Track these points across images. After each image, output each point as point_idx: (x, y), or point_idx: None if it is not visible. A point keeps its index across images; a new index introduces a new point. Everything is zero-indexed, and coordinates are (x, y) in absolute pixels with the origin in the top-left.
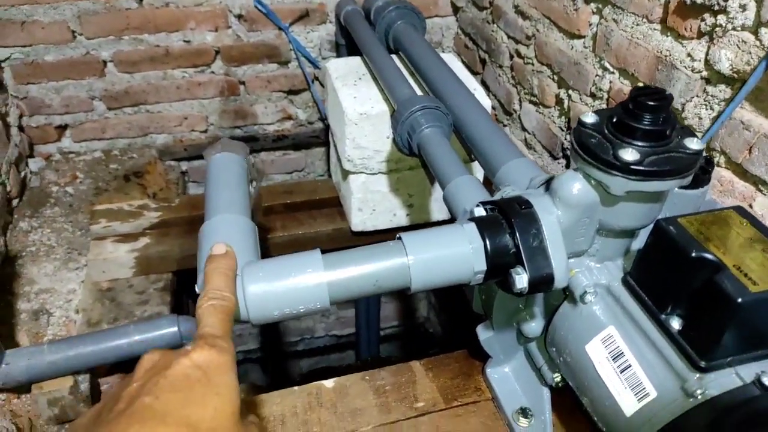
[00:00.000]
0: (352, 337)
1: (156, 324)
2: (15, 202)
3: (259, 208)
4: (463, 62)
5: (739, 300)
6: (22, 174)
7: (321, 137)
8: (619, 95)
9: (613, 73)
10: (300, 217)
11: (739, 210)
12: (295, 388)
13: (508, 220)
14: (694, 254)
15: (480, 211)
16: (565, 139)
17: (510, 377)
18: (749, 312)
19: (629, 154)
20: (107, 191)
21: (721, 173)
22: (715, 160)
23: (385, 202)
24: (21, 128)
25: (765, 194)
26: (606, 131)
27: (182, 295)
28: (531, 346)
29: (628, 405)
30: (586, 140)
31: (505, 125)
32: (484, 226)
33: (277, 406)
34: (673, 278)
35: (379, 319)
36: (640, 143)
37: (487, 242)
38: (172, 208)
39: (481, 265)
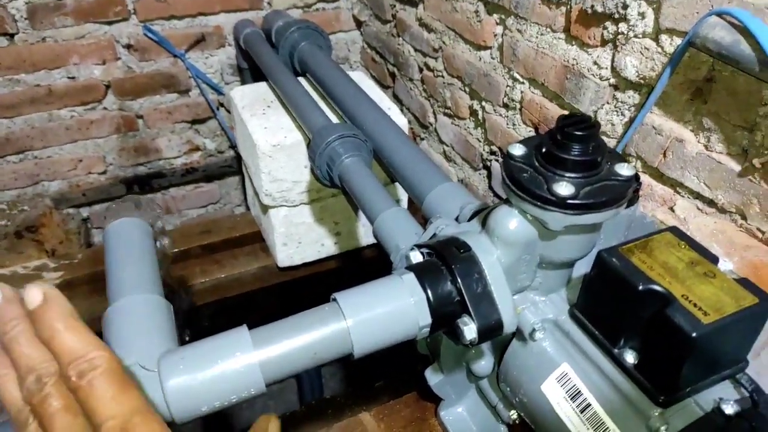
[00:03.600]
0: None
1: None
2: None
3: (169, 265)
4: (372, 77)
5: (694, 335)
6: None
7: (234, 166)
8: (531, 105)
9: (523, 83)
10: (220, 258)
11: (675, 231)
12: None
13: (448, 266)
14: (641, 287)
15: (416, 257)
16: (483, 150)
17: (465, 417)
18: (705, 344)
19: (564, 188)
20: None
21: (640, 178)
22: (633, 165)
23: (311, 233)
24: None
25: (683, 196)
26: (536, 163)
27: None
28: (483, 384)
29: None
30: (518, 175)
31: (422, 138)
32: (423, 275)
33: None
34: (622, 311)
35: None
36: (573, 175)
37: (429, 293)
38: (74, 265)
39: (426, 319)
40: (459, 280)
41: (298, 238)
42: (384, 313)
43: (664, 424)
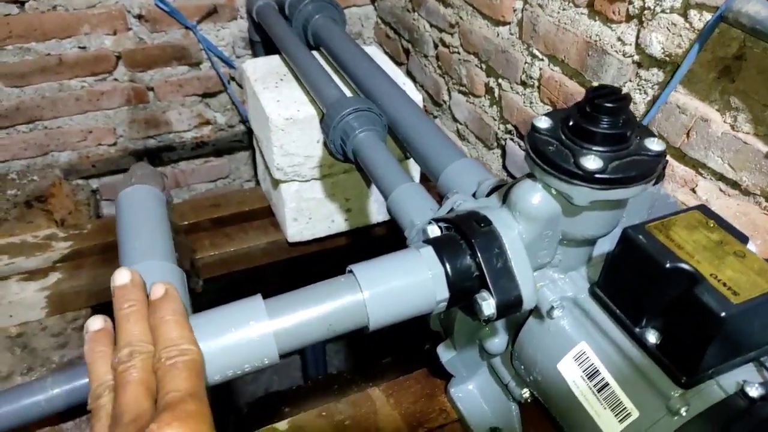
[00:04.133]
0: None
1: (78, 372)
2: None
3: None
4: (386, 53)
5: (723, 314)
6: None
7: (244, 141)
8: (550, 82)
9: (542, 60)
10: (230, 232)
11: (704, 209)
12: None
13: (467, 241)
14: (668, 265)
15: (434, 231)
16: (498, 128)
17: (475, 395)
18: (734, 325)
19: (592, 162)
20: (7, 221)
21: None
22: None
23: (322, 209)
24: None
25: (706, 178)
26: (563, 137)
27: None
28: (495, 362)
29: (610, 427)
30: (543, 148)
31: (435, 116)
32: (442, 248)
33: None
34: (646, 290)
35: None
36: (601, 149)
37: (448, 267)
38: (84, 235)
39: (444, 293)
40: (479, 255)
41: (308, 214)
42: (401, 286)
43: (685, 405)
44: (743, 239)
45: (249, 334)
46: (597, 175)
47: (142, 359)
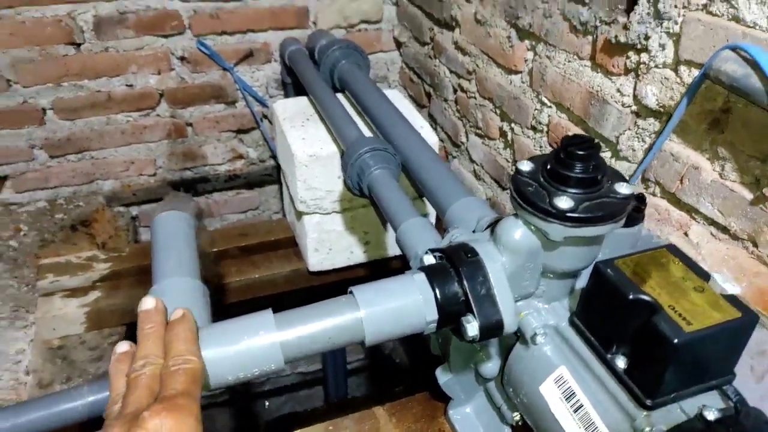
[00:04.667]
0: (319, 373)
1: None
2: None
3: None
4: (409, 96)
5: (675, 341)
6: None
7: (273, 175)
8: (557, 128)
9: (550, 107)
10: (255, 259)
11: (671, 248)
12: None
13: (455, 269)
14: (631, 296)
15: (429, 259)
16: (512, 170)
17: (472, 417)
18: (686, 351)
19: (564, 202)
20: (53, 243)
21: (657, 203)
22: (651, 190)
23: (342, 241)
24: None
25: (699, 222)
26: (542, 179)
27: None
28: (490, 386)
29: None
30: (524, 188)
31: (454, 157)
32: (433, 275)
33: None
34: (614, 319)
35: (345, 354)
36: (573, 191)
37: (437, 292)
38: (122, 258)
39: (433, 315)
40: (465, 282)
41: (329, 245)
42: (395, 307)
43: (649, 426)
44: (705, 276)
45: (259, 342)
46: (569, 214)
47: (151, 369)
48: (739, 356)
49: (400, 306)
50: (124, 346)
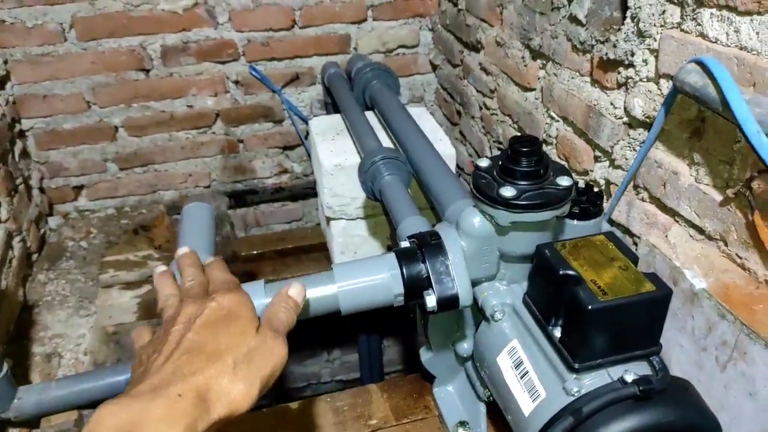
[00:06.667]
0: (358, 382)
1: None
2: (34, 256)
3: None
4: (443, 114)
5: (590, 307)
6: (42, 231)
7: (315, 188)
8: (563, 140)
9: (558, 121)
10: (289, 262)
11: (609, 235)
12: (264, 410)
13: (420, 250)
14: (561, 272)
15: (405, 244)
16: None
17: (453, 395)
18: (600, 318)
19: (508, 191)
20: (117, 244)
21: (646, 207)
22: (641, 195)
23: (366, 245)
24: (42, 190)
25: (680, 224)
26: (494, 173)
27: None
28: (468, 366)
29: (526, 406)
30: (479, 181)
31: None
32: (402, 256)
33: (246, 424)
34: (551, 293)
35: (382, 363)
36: (519, 182)
37: (404, 270)
38: (173, 257)
39: (399, 289)
40: (427, 261)
41: (354, 249)
42: (366, 281)
43: (578, 387)
44: (634, 259)
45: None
46: (512, 201)
47: (200, 281)
48: (661, 329)
49: (371, 281)
50: (162, 267)
